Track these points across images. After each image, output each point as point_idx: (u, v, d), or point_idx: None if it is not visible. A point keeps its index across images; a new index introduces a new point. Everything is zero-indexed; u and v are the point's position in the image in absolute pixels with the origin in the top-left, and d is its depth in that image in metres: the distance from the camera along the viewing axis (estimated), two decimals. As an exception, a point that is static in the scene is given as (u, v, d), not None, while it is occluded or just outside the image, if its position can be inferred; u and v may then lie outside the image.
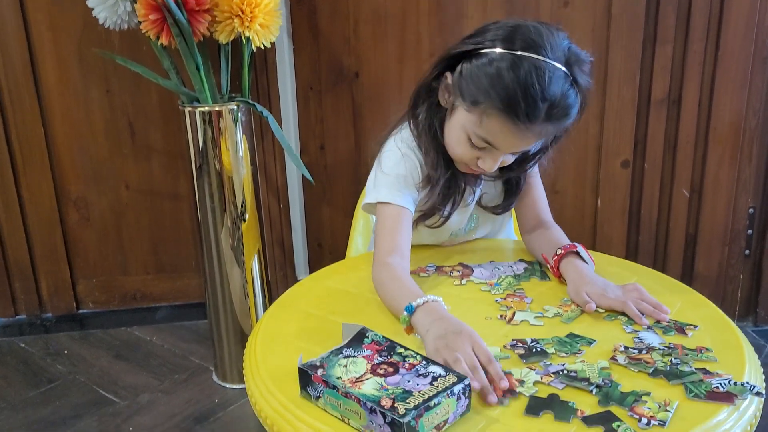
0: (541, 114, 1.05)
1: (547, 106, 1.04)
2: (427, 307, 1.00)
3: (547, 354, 0.96)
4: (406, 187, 1.20)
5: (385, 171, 1.21)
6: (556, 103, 1.05)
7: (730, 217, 2.02)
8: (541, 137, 1.13)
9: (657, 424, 0.81)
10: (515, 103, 1.04)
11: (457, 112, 1.14)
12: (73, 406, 1.86)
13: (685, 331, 1.02)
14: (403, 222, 1.18)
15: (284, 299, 1.17)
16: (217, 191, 1.78)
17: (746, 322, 2.14)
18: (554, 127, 1.10)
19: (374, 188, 1.22)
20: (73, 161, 2.19)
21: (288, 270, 2.27)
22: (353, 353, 0.90)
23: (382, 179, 1.21)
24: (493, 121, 1.08)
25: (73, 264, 2.30)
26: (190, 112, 1.72)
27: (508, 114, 1.05)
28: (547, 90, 1.03)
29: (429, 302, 1.01)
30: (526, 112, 1.04)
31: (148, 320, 2.29)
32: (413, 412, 0.77)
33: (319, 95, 2.07)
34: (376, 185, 1.21)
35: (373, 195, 1.21)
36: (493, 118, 1.07)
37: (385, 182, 1.20)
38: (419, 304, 1.00)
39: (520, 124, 1.06)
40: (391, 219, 1.18)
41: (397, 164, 1.21)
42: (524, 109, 1.04)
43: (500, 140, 1.10)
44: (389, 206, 1.19)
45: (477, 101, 1.08)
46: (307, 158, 2.14)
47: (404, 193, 1.19)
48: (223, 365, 1.95)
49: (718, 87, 1.91)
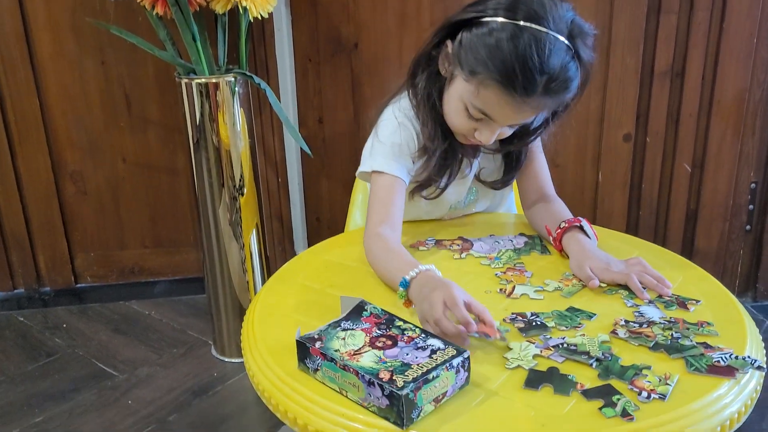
0: (539, 87, 1.03)
1: (545, 80, 1.02)
2: (421, 279, 0.99)
3: (546, 327, 0.96)
4: (401, 157, 1.19)
5: (381, 139, 1.21)
6: (555, 77, 1.03)
7: (731, 192, 2.01)
8: (539, 111, 1.11)
9: (657, 397, 0.81)
10: (513, 76, 1.02)
11: (455, 81, 1.12)
12: (72, 380, 1.86)
13: (687, 306, 1.01)
14: (396, 193, 1.18)
15: (282, 273, 1.16)
16: (214, 165, 1.76)
17: (746, 298, 2.13)
18: (553, 100, 1.08)
19: (370, 156, 1.21)
20: (68, 133, 2.17)
21: (286, 244, 2.26)
22: (351, 326, 0.89)
23: (377, 148, 1.20)
24: (490, 93, 1.06)
25: (71, 238, 2.28)
26: (187, 84, 1.69)
27: (505, 86, 1.03)
28: (546, 63, 1.01)
29: (422, 272, 1.00)
30: (523, 85, 1.02)
31: (146, 294, 2.28)
32: (411, 385, 0.76)
33: (317, 66, 2.05)
34: (372, 153, 1.21)
35: (368, 163, 1.21)
36: (489, 90, 1.06)
37: (381, 151, 1.20)
38: (413, 277, 1.00)
39: (517, 97, 1.04)
40: (384, 190, 1.18)
41: (394, 133, 1.20)
42: (521, 82, 1.02)
43: (496, 112, 1.09)
44: (383, 176, 1.18)
45: (475, 71, 1.06)
46: (305, 131, 2.11)
47: (399, 163, 1.19)
48: (222, 339, 1.95)
49: (722, 59, 1.88)
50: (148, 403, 1.76)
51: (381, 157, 1.19)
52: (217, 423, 1.69)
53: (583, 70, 1.07)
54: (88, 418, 1.71)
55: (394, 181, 1.18)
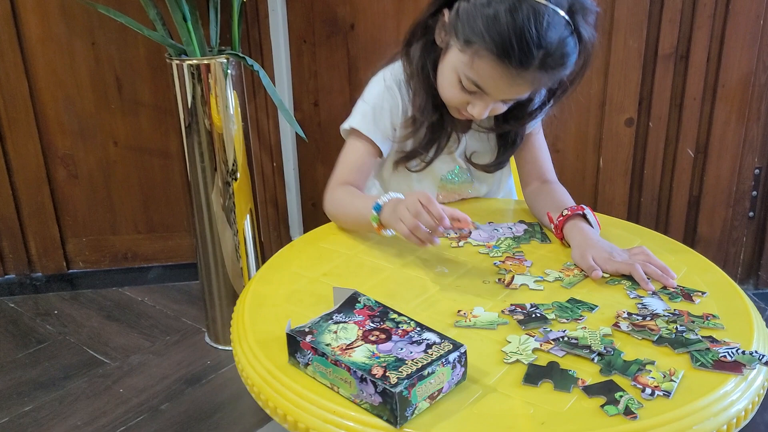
0: (535, 61, 1.01)
1: (542, 54, 1.00)
2: (392, 202, 1.04)
3: (546, 320, 0.92)
4: (380, 121, 1.20)
5: (366, 99, 1.22)
6: (552, 51, 1.00)
7: (735, 178, 1.97)
8: (534, 87, 1.09)
9: (661, 394, 0.77)
10: (508, 47, 1.00)
11: (450, 52, 1.10)
12: (63, 367, 1.83)
13: (692, 298, 0.98)
14: (365, 160, 1.21)
15: (275, 261, 1.13)
16: (207, 149, 1.72)
17: (747, 285, 2.11)
18: (549, 77, 1.05)
19: (352, 114, 1.22)
20: (58, 116, 2.12)
21: (282, 230, 2.22)
22: (344, 318, 0.86)
23: (360, 107, 1.22)
24: (484, 64, 1.03)
25: (62, 222, 2.25)
26: (178, 66, 1.65)
27: (500, 58, 1.01)
28: (543, 36, 0.99)
29: (393, 198, 1.05)
30: (519, 58, 1.00)
31: (139, 280, 2.25)
32: (406, 382, 0.73)
33: (312, 48, 2.00)
34: (354, 112, 1.22)
35: (348, 121, 1.22)
36: (484, 61, 1.03)
37: (362, 110, 1.21)
38: (385, 201, 1.05)
39: (512, 69, 1.02)
40: (355, 153, 1.21)
41: (378, 96, 1.21)
42: (517, 54, 1.00)
43: (490, 85, 1.06)
44: (359, 138, 1.21)
45: (470, 41, 1.03)
46: (300, 115, 2.07)
47: (376, 126, 1.20)
48: (216, 326, 1.92)
49: (728, 41, 1.84)
50: (139, 392, 1.73)
51: (360, 116, 1.21)
52: (210, 412, 1.66)
53: (582, 48, 1.04)
54: (79, 406, 1.68)
55: (367, 146, 1.20)
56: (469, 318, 0.93)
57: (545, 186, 1.27)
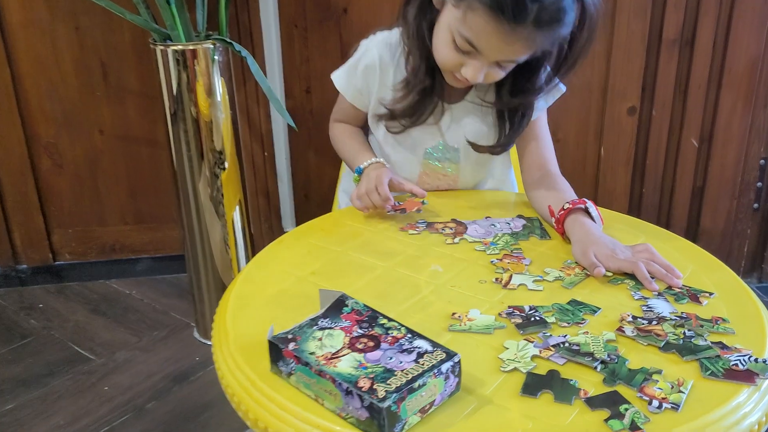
0: (530, 16, 0.97)
1: (536, 8, 0.97)
2: (372, 167, 1.21)
3: (546, 324, 0.87)
4: (353, 76, 1.27)
5: (353, 54, 1.28)
6: (547, 5, 0.97)
7: (740, 169, 1.91)
8: (529, 47, 1.04)
9: (669, 407, 0.72)
10: (501, 0, 0.97)
11: (445, 10, 1.08)
12: (47, 364, 1.78)
13: (699, 300, 0.92)
14: (348, 109, 1.31)
15: (261, 258, 1.07)
16: (193, 138, 1.66)
17: (751, 278, 2.05)
18: (544, 35, 1.01)
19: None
20: (42, 104, 2.06)
21: (274, 221, 2.16)
22: (330, 324, 0.80)
23: (348, 60, 1.29)
24: (478, 18, 1.00)
25: (47, 213, 2.18)
26: (162, 51, 1.58)
27: (493, 11, 0.98)
28: None
29: (372, 163, 1.21)
30: (512, 12, 0.97)
31: (127, 273, 2.19)
32: (394, 396, 0.68)
33: (304, 33, 1.93)
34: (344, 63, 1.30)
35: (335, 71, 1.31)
36: (477, 14, 1.00)
37: (346, 64, 1.29)
38: (365, 166, 1.21)
39: (505, 25, 0.98)
40: (341, 102, 1.33)
41: (360, 51, 1.26)
42: (510, 8, 0.97)
43: (483, 41, 1.03)
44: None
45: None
46: (292, 102, 2.01)
47: (349, 81, 1.28)
48: (205, 321, 1.87)
49: (734, 26, 1.77)
50: (125, 390, 1.68)
51: (341, 70, 1.30)
52: (197, 411, 1.61)
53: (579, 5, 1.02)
54: (62, 405, 1.63)
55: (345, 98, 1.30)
56: (464, 321, 0.88)
57: (547, 178, 1.21)
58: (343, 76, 1.29)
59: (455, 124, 1.25)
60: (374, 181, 1.14)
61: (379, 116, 1.25)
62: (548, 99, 1.25)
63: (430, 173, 1.29)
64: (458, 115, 1.25)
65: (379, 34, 1.25)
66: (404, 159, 1.29)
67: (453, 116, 1.25)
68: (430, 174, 1.29)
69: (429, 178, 1.30)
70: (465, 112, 1.24)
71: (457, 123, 1.25)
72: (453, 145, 1.27)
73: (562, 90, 1.24)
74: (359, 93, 1.28)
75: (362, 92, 1.27)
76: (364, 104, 1.29)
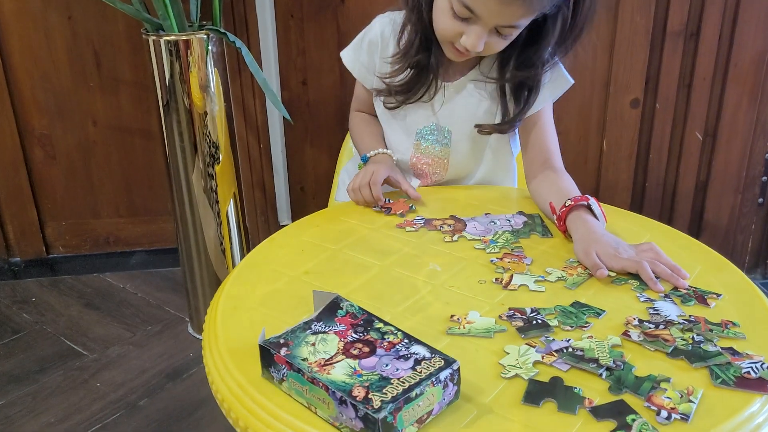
0: None
1: None
2: (377, 158, 1.24)
3: (549, 327, 0.84)
4: (360, 50, 1.28)
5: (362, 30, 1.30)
6: None
7: (745, 163, 1.88)
8: (527, 9, 1.02)
9: (679, 418, 0.69)
10: None
11: None
12: (38, 360, 1.75)
13: (706, 301, 0.89)
14: (362, 91, 1.33)
15: (253, 257, 1.03)
16: (186, 129, 1.62)
17: (755, 275, 2.02)
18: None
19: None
20: (34, 95, 2.02)
21: (269, 214, 2.13)
22: (324, 328, 0.77)
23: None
24: None
25: (41, 206, 2.15)
26: (155, 42, 1.54)
27: None
28: None
29: (379, 154, 1.25)
30: None
31: (121, 266, 2.16)
32: (390, 406, 0.64)
33: (300, 24, 1.89)
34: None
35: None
36: None
37: (353, 41, 1.30)
38: (371, 155, 1.25)
39: None
40: (356, 86, 1.35)
41: (367, 29, 1.28)
42: None
43: (480, 4, 1.02)
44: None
45: None
46: (288, 94, 1.97)
47: (356, 57, 1.29)
48: (199, 316, 1.84)
49: (741, 18, 1.73)
50: (117, 386, 1.65)
51: (349, 46, 1.31)
52: (191, 409, 1.58)
53: None
54: (53, 402, 1.60)
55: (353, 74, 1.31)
56: (463, 324, 0.85)
57: (550, 174, 1.18)
58: (351, 53, 1.30)
59: (449, 104, 1.23)
60: (369, 177, 1.15)
61: (378, 91, 1.26)
62: (554, 91, 1.22)
63: (421, 155, 1.27)
64: (454, 95, 1.23)
65: (389, 13, 1.26)
66: (398, 138, 1.28)
67: (448, 95, 1.23)
68: (421, 156, 1.27)
69: (419, 161, 1.28)
70: (463, 92, 1.23)
71: (452, 103, 1.23)
72: (446, 127, 1.25)
73: (569, 82, 1.22)
74: (365, 69, 1.28)
75: (368, 68, 1.28)
76: (369, 82, 1.29)
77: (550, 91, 1.21)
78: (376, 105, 1.30)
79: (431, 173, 1.29)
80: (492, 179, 1.30)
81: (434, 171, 1.28)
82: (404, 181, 1.20)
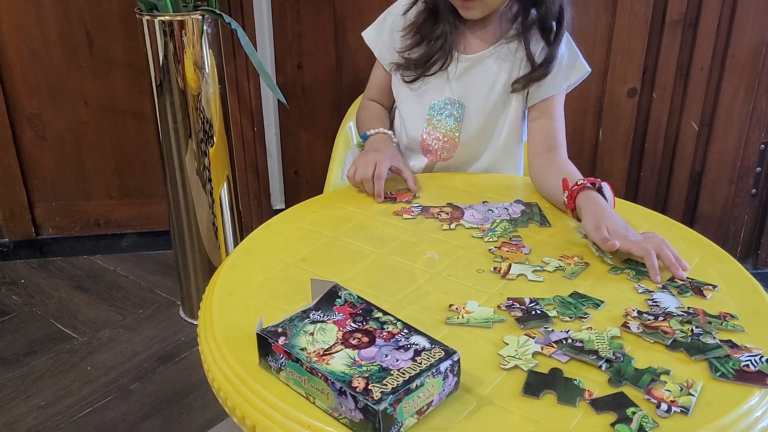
0: None
1: None
2: (376, 137, 1.23)
3: (548, 318, 0.83)
4: (383, 28, 1.29)
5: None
6: None
7: (740, 153, 1.88)
8: None
9: (679, 411, 0.69)
10: None
11: None
12: (28, 342, 1.73)
13: (702, 292, 0.89)
14: (382, 75, 1.33)
15: (249, 243, 1.02)
16: (180, 111, 1.60)
17: (746, 264, 2.03)
18: None
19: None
20: (25, 74, 1.99)
21: (263, 198, 2.11)
22: (322, 317, 0.76)
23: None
24: None
25: (30, 186, 2.13)
26: (149, 22, 1.52)
27: None
28: None
29: (379, 133, 1.23)
30: None
31: (112, 248, 2.14)
32: (391, 397, 0.64)
33: (296, 6, 1.87)
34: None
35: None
36: None
37: (376, 20, 1.31)
38: (371, 134, 1.23)
39: None
40: (374, 70, 1.34)
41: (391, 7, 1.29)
42: None
43: None
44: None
45: None
46: (283, 78, 1.95)
47: (379, 36, 1.29)
48: (191, 300, 1.82)
49: (740, 7, 1.72)
50: (108, 370, 1.64)
51: (371, 26, 1.32)
52: (182, 393, 1.57)
53: None
54: (43, 385, 1.59)
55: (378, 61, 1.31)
56: (461, 314, 0.84)
57: (556, 160, 1.19)
58: (373, 32, 1.31)
59: (465, 77, 1.24)
60: (372, 169, 1.12)
61: (397, 65, 1.27)
62: (570, 76, 1.23)
63: (432, 130, 1.27)
64: (471, 68, 1.24)
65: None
66: (413, 113, 1.28)
67: (465, 68, 1.24)
68: (432, 131, 1.27)
69: (430, 136, 1.27)
70: (481, 66, 1.23)
71: (468, 77, 1.24)
72: (459, 100, 1.25)
73: (586, 70, 1.24)
74: (386, 49, 1.29)
75: (388, 47, 1.28)
76: (390, 60, 1.29)
77: (566, 76, 1.22)
78: (394, 84, 1.30)
79: (440, 150, 1.28)
80: (497, 166, 1.30)
81: (443, 148, 1.28)
82: (406, 169, 1.18)
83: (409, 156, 1.32)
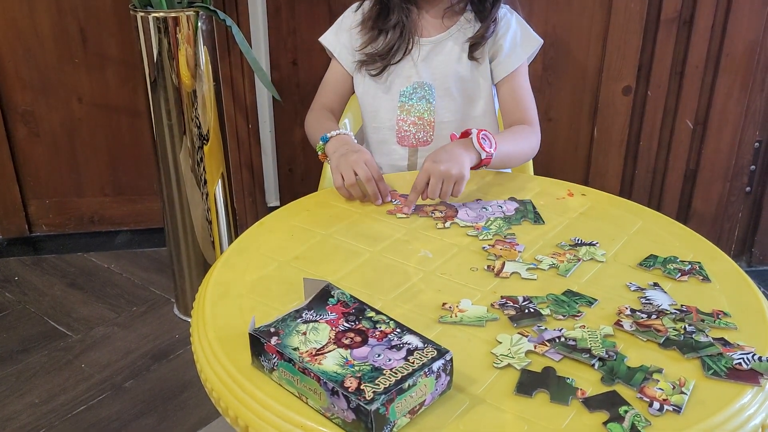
0: None
1: None
2: (339, 138, 1.16)
3: (541, 316, 0.83)
4: (339, 31, 1.33)
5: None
6: None
7: (734, 151, 1.88)
8: None
9: (671, 409, 0.69)
10: None
11: None
12: (21, 340, 1.72)
13: (696, 276, 0.91)
14: (337, 78, 1.34)
15: (242, 242, 1.02)
16: (174, 108, 1.59)
17: (740, 262, 2.03)
18: None
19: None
20: (18, 70, 1.98)
21: (257, 195, 2.11)
22: (315, 317, 0.76)
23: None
24: None
25: (23, 183, 2.12)
26: (143, 18, 1.51)
27: None
28: None
29: (340, 134, 1.16)
30: None
31: (106, 246, 2.13)
32: (383, 397, 0.64)
33: (291, 2, 1.86)
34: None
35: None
36: None
37: (332, 25, 1.35)
38: (332, 135, 1.16)
39: None
40: (330, 73, 1.35)
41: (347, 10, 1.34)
42: None
43: None
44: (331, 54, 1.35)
45: None
46: (277, 74, 1.94)
47: (337, 38, 1.33)
48: (185, 297, 1.82)
49: (734, 7, 1.72)
50: (102, 367, 1.63)
51: (329, 30, 1.35)
52: (176, 391, 1.57)
53: None
54: (37, 383, 1.58)
55: (336, 63, 1.33)
56: (455, 313, 0.84)
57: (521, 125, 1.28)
58: (331, 35, 1.35)
59: (428, 60, 1.29)
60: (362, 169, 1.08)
61: (361, 63, 1.30)
62: (527, 50, 1.30)
63: (406, 116, 1.31)
64: (433, 51, 1.29)
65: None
66: (383, 105, 1.32)
67: (426, 51, 1.29)
68: (406, 117, 1.31)
69: (405, 121, 1.31)
70: (441, 48, 1.29)
71: (431, 59, 1.29)
72: (427, 82, 1.30)
73: (539, 41, 1.31)
74: (346, 49, 1.32)
75: (348, 48, 1.32)
76: (350, 61, 1.32)
77: (523, 49, 1.29)
78: (358, 83, 1.33)
79: (416, 134, 1.32)
80: None
81: (419, 131, 1.32)
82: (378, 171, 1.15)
83: (386, 151, 1.34)
